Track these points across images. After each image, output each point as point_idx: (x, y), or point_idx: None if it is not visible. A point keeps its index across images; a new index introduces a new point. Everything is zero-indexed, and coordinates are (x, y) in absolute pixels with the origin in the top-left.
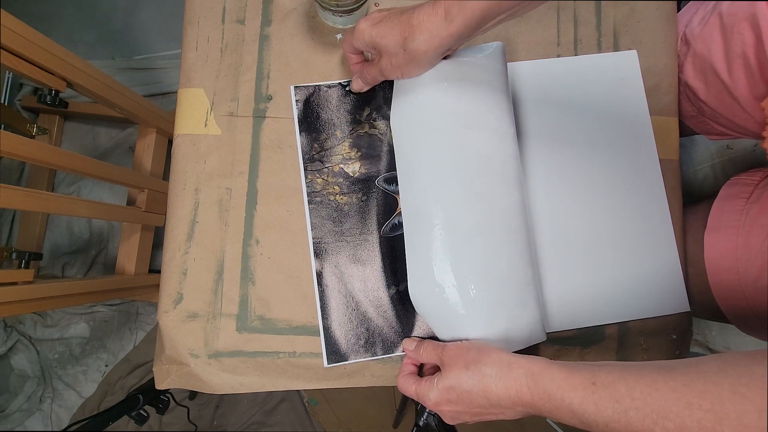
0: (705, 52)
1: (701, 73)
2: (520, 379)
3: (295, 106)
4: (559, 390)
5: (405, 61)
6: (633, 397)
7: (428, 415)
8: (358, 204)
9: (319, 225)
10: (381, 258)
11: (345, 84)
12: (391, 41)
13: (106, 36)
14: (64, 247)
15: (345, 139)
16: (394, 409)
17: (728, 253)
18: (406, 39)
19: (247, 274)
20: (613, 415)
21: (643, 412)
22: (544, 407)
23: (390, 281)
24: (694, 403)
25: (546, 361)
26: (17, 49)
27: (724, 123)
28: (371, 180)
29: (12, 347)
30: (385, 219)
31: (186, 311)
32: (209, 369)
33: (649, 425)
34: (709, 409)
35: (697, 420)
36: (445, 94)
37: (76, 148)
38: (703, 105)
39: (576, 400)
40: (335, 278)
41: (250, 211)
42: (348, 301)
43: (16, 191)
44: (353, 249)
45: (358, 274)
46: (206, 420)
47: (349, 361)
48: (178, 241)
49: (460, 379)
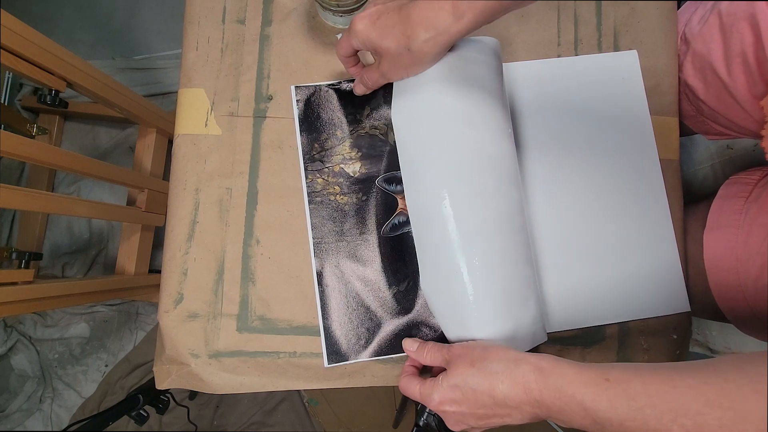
0: (704, 52)
1: (700, 73)
2: (528, 375)
3: (295, 106)
4: (570, 386)
5: (410, 61)
6: (649, 394)
7: (428, 415)
8: (358, 204)
9: (320, 225)
10: (381, 258)
11: (346, 84)
12: (393, 41)
13: (106, 36)
14: (64, 247)
15: (345, 139)
16: (394, 409)
17: (728, 252)
18: (409, 38)
19: (248, 274)
20: (628, 412)
21: (660, 410)
22: (553, 405)
23: (390, 281)
24: (713, 401)
25: (555, 358)
26: (17, 49)
27: (722, 122)
28: (371, 180)
29: (12, 347)
30: (386, 219)
31: (186, 311)
32: (210, 369)
33: (666, 423)
34: (730, 407)
35: (717, 418)
36: (445, 91)
37: (76, 148)
38: (702, 104)
39: (588, 397)
40: (335, 278)
41: (250, 211)
42: (348, 301)
43: (16, 191)
44: (353, 249)
45: (359, 274)
46: (206, 420)
47: (350, 361)
48: (178, 241)
49: (466, 377)
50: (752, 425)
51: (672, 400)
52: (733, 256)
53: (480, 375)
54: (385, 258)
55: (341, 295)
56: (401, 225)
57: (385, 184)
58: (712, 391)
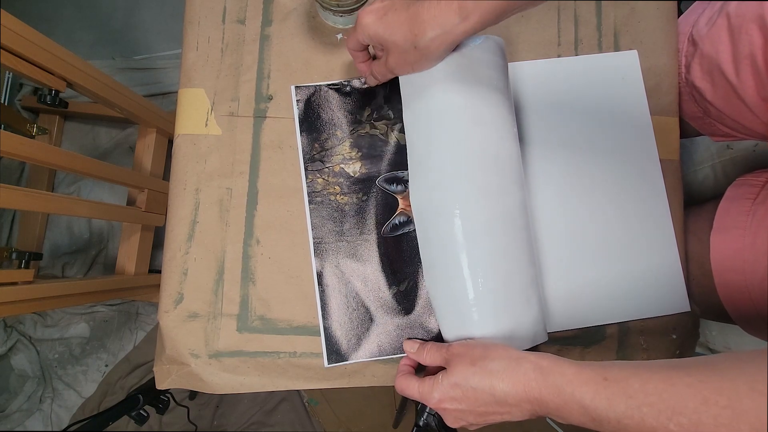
0: (712, 53)
1: (708, 74)
2: (528, 374)
3: (295, 106)
4: (569, 384)
5: (416, 58)
6: (647, 392)
7: (428, 415)
8: (358, 204)
9: (320, 225)
10: (381, 258)
11: (346, 84)
12: (400, 38)
13: (106, 36)
14: (64, 247)
15: (345, 139)
16: (394, 409)
17: (735, 254)
18: (417, 36)
19: (248, 274)
20: (626, 410)
21: (658, 408)
22: (552, 403)
23: (390, 281)
24: (710, 399)
25: (555, 357)
26: (17, 49)
27: (729, 124)
28: (372, 180)
29: (12, 347)
30: (386, 219)
31: (186, 311)
32: (210, 369)
33: (663, 421)
34: (726, 406)
35: (714, 416)
36: (454, 89)
37: (76, 148)
38: (709, 106)
39: (588, 395)
40: (336, 278)
41: (250, 211)
42: (349, 301)
43: (16, 191)
44: (354, 249)
45: (359, 274)
46: (206, 420)
47: (350, 361)
48: (178, 241)
49: (466, 375)
50: (748, 424)
51: (669, 399)
52: (739, 257)
53: (480, 374)
54: (385, 258)
55: (341, 295)
56: (402, 225)
57: (385, 184)
58: (709, 390)
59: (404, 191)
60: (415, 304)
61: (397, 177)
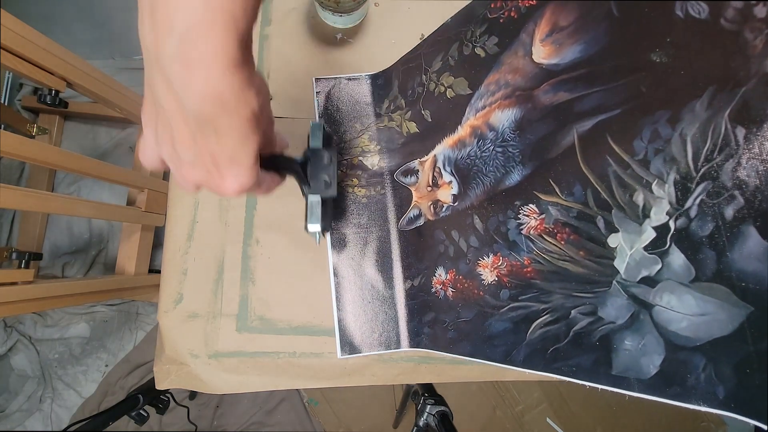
0: None
1: None
2: None
3: (315, 98)
4: None
5: None
6: None
7: (428, 415)
8: (376, 197)
9: (337, 216)
10: (398, 251)
11: (366, 76)
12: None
13: (106, 36)
14: (64, 247)
15: (364, 131)
16: (394, 409)
17: None
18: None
19: (247, 274)
20: None
21: None
22: None
23: (406, 275)
24: None
25: None
26: (17, 49)
27: None
28: (390, 173)
29: (12, 347)
30: (402, 212)
31: (186, 311)
32: (209, 369)
33: None
34: None
35: None
36: None
37: (76, 148)
38: None
39: None
40: (351, 270)
41: (250, 211)
42: (364, 293)
43: (16, 191)
44: (371, 242)
45: (375, 267)
46: (206, 420)
47: (363, 353)
48: (178, 241)
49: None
50: None
51: None
52: None
53: None
54: (402, 251)
55: (356, 288)
56: (416, 218)
57: (402, 177)
58: None
59: (416, 183)
60: (428, 298)
61: (410, 168)
